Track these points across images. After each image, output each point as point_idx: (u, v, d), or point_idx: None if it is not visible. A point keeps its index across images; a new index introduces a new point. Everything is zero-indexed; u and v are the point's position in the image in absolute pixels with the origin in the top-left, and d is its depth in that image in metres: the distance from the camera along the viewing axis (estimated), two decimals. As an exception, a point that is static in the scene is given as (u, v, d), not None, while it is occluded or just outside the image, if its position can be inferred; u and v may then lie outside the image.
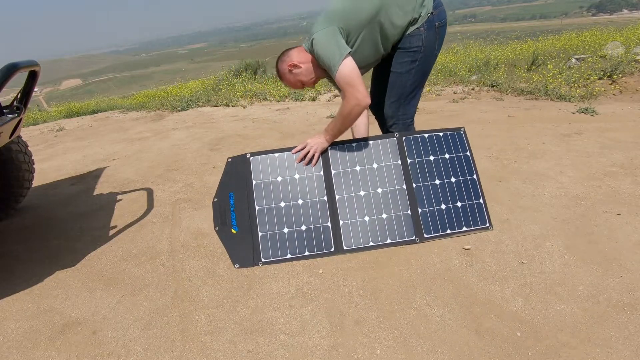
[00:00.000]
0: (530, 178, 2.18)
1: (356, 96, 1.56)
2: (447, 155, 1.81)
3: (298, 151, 1.79)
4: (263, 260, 1.68)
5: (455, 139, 1.84)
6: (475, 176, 1.80)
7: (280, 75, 1.78)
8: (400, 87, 1.78)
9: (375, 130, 2.06)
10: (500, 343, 1.19)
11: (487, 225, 1.74)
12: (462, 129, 1.86)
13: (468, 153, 1.83)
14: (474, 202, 1.76)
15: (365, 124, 1.91)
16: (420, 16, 1.65)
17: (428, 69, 1.78)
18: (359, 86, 1.55)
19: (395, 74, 1.77)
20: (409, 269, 1.56)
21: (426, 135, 1.83)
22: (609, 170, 2.18)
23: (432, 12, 1.66)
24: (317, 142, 1.76)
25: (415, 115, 1.91)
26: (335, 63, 1.54)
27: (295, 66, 1.71)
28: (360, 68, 1.70)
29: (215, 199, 1.80)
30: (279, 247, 1.69)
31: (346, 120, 1.64)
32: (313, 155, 1.77)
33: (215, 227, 1.76)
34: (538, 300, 1.33)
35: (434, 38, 1.70)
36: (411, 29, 1.67)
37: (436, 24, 1.68)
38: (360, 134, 1.91)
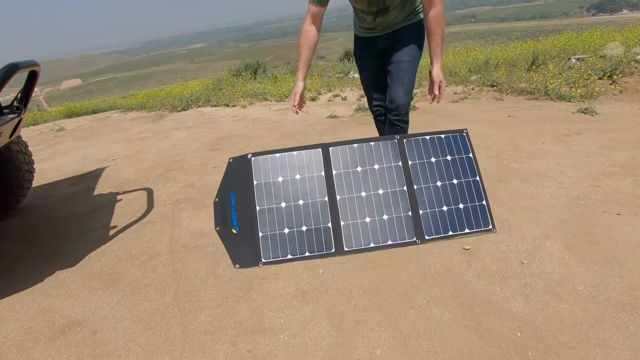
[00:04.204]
0: (530, 178, 2.18)
1: None
2: (449, 157, 1.81)
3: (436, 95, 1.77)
4: (263, 260, 1.68)
5: (458, 141, 1.84)
6: (478, 178, 1.79)
7: None
8: (412, 73, 1.83)
9: (373, 132, 2.06)
10: (500, 343, 1.19)
11: (490, 227, 1.73)
12: (464, 131, 1.86)
13: (471, 155, 1.82)
14: (477, 204, 1.76)
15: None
16: (421, 7, 1.74)
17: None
18: None
19: (407, 62, 1.82)
20: (409, 269, 1.56)
21: (427, 137, 1.83)
22: (609, 170, 2.18)
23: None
24: (441, 73, 1.74)
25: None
26: None
27: None
28: None
29: (217, 199, 1.80)
30: (280, 248, 1.69)
31: (443, 24, 1.67)
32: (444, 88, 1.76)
33: (216, 227, 1.76)
34: (538, 300, 1.33)
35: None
36: (416, 18, 1.76)
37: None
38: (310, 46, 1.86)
